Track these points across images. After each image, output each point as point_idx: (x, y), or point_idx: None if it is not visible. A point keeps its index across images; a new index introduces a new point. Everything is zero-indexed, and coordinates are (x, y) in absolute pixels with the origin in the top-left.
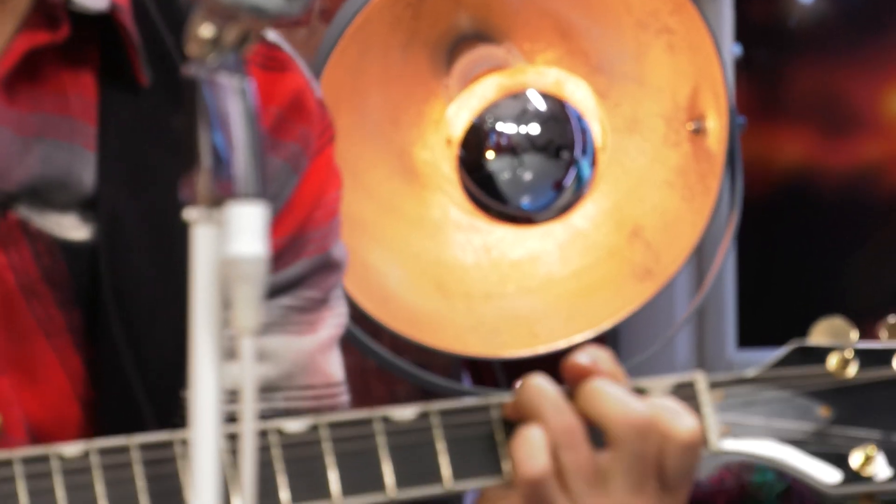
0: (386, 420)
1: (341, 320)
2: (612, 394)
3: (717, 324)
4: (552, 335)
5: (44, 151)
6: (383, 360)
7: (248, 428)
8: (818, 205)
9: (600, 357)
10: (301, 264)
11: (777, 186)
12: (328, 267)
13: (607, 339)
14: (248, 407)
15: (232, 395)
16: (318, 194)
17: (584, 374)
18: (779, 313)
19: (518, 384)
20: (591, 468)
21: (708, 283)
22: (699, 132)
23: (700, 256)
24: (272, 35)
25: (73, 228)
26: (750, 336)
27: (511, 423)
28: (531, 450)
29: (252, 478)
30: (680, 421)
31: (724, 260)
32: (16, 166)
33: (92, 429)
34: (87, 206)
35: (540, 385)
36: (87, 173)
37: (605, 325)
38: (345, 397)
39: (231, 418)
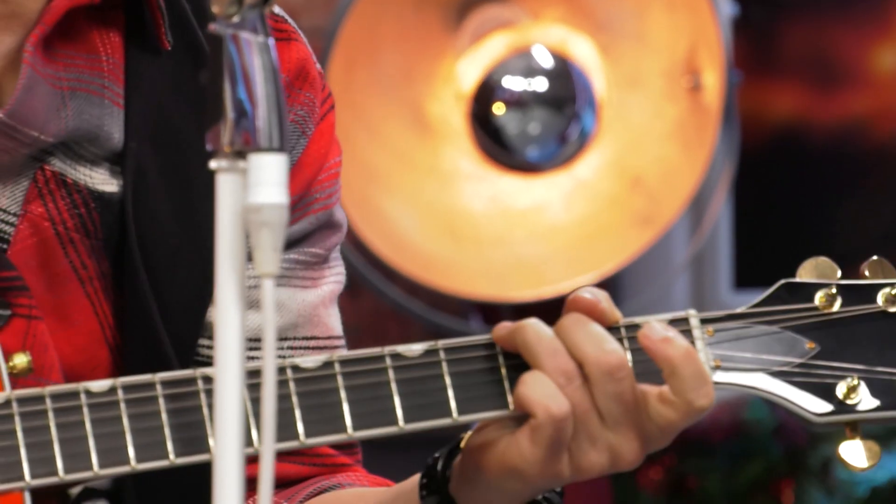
0: (395, 356)
1: (340, 279)
2: (589, 333)
3: (712, 268)
4: (557, 279)
5: (78, 105)
6: (397, 303)
7: (270, 365)
8: (809, 155)
9: (600, 295)
10: (308, 220)
11: (770, 138)
12: (330, 226)
13: (609, 283)
14: (269, 345)
15: (249, 343)
16: (322, 156)
17: (587, 310)
18: (772, 257)
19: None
20: (586, 406)
21: (705, 229)
22: (697, 87)
23: (697, 204)
24: (277, 8)
25: (104, 181)
26: (745, 279)
27: (515, 358)
28: (549, 391)
29: (272, 410)
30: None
31: (721, 207)
32: (53, 118)
33: (120, 372)
34: (116, 161)
35: (535, 329)
36: (116, 129)
37: (607, 269)
38: (344, 351)
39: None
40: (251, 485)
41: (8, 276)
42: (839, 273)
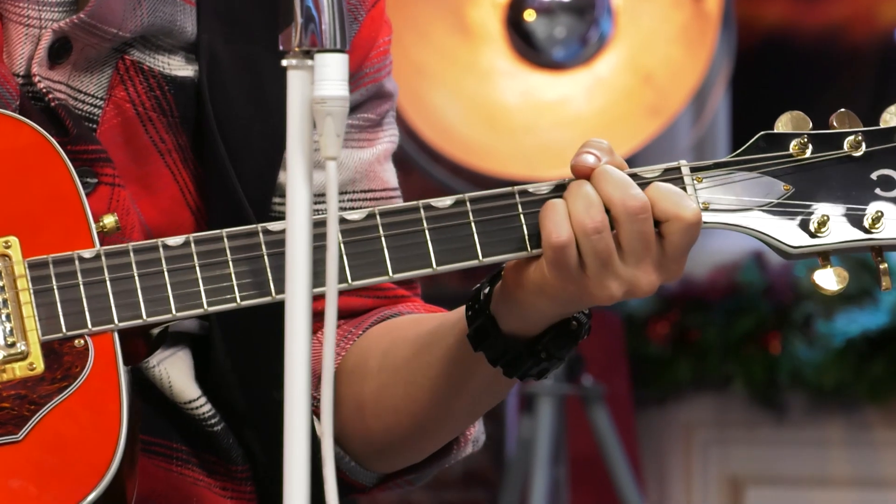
0: (428, 207)
1: (394, 139)
2: (616, 181)
3: (712, 152)
4: None
5: (151, 4)
6: (442, 182)
7: (332, 227)
8: (796, 55)
9: (603, 149)
10: (359, 92)
11: (763, 40)
12: (381, 96)
13: None
14: (332, 210)
15: (317, 198)
16: (372, 39)
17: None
18: None
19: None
20: (607, 252)
21: (706, 118)
22: None
23: (699, 97)
24: None
25: (179, 68)
26: None
27: (532, 206)
28: (557, 220)
29: (335, 262)
30: (685, 203)
31: (720, 100)
32: (130, 17)
33: (203, 231)
34: (190, 50)
35: (578, 184)
36: (188, 23)
37: (622, 153)
38: (399, 201)
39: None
40: (318, 317)
41: (94, 149)
42: (811, 124)
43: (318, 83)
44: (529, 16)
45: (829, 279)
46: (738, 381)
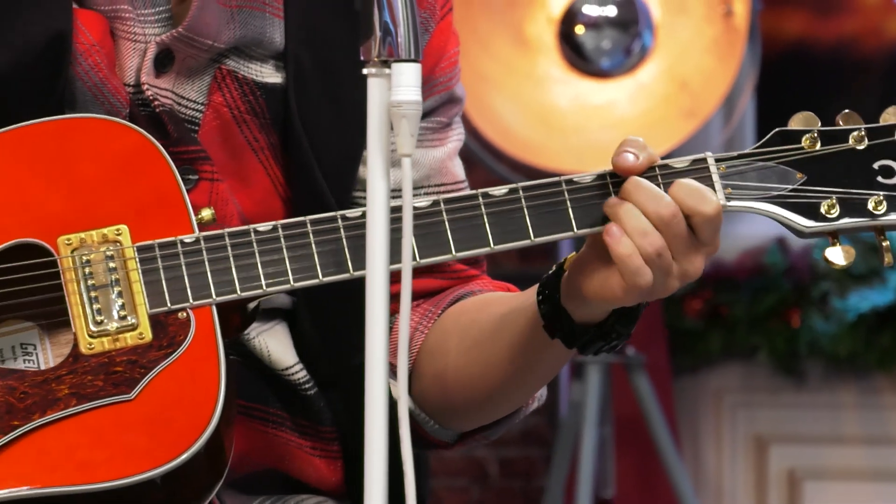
0: (486, 195)
1: (461, 137)
2: (647, 192)
3: (741, 150)
4: None
5: (243, 19)
6: (503, 176)
7: (407, 216)
8: (813, 64)
9: (639, 146)
10: (432, 99)
11: (785, 52)
12: (451, 101)
13: None
14: (407, 201)
15: (393, 192)
16: (441, 48)
17: (632, 172)
18: None
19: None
20: (668, 262)
21: (735, 120)
22: (729, 13)
23: (729, 102)
24: None
25: (269, 75)
26: None
27: (577, 192)
28: (636, 264)
29: (409, 246)
30: (706, 198)
31: (747, 104)
32: (223, 30)
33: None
34: (279, 58)
35: (627, 205)
36: (277, 35)
37: (660, 151)
38: (467, 191)
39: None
40: (393, 299)
41: (195, 149)
42: (820, 123)
43: (394, 89)
44: (580, 30)
45: (837, 255)
46: (763, 351)
